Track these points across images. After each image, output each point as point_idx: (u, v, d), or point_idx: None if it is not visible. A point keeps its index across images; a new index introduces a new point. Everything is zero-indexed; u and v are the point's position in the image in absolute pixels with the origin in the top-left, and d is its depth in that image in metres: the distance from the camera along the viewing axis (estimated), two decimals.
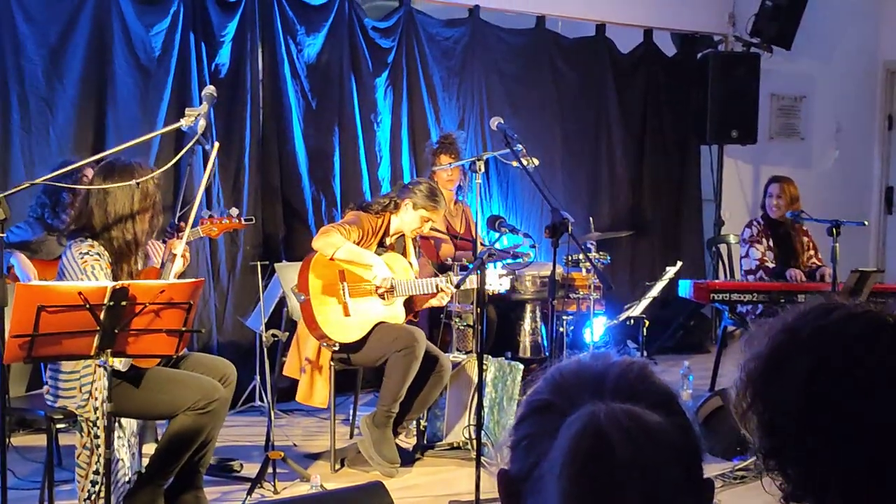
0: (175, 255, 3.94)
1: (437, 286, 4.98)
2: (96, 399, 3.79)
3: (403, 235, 5.14)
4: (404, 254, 5.17)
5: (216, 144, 4.09)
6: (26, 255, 4.85)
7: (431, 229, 5.61)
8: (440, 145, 6.25)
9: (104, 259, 3.82)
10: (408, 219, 5.02)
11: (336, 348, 4.87)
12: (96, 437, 3.80)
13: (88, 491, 3.80)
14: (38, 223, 5.03)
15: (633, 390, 1.16)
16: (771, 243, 6.47)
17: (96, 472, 3.79)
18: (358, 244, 4.86)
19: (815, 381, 1.23)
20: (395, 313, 5.01)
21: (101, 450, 3.70)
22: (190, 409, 3.92)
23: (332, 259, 4.82)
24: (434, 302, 5.10)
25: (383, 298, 4.98)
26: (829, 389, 1.22)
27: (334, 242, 4.78)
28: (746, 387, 1.30)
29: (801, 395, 1.23)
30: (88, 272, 3.76)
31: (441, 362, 4.96)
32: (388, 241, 5.08)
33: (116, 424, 3.88)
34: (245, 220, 4.59)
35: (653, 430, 1.13)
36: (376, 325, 4.92)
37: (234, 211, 4.55)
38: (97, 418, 3.79)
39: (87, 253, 3.80)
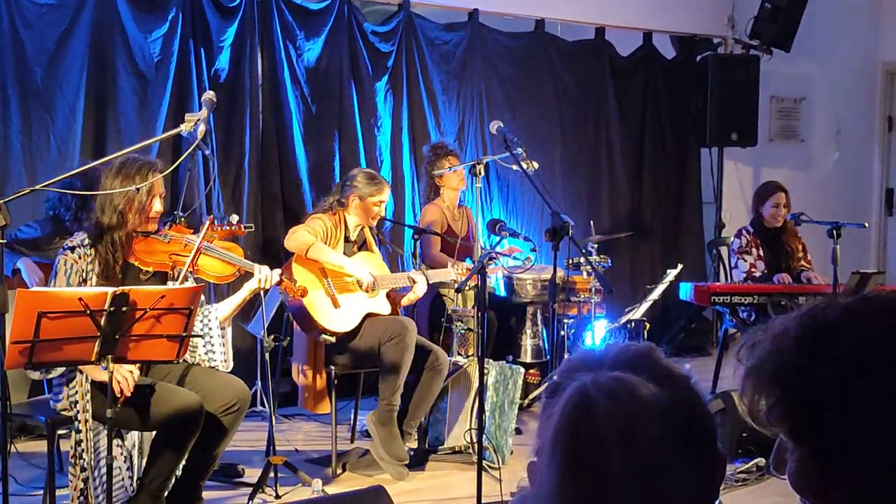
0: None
1: (409, 278, 5.10)
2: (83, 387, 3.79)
3: (362, 230, 5.18)
4: (366, 247, 5.21)
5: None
6: (36, 253, 4.87)
7: (428, 225, 5.66)
8: (440, 153, 6.21)
9: (83, 257, 3.80)
10: (360, 212, 5.11)
11: (333, 340, 4.90)
12: (78, 431, 3.78)
13: (80, 489, 3.77)
14: (49, 222, 5.04)
15: (628, 364, 1.23)
16: (762, 251, 6.50)
17: (83, 469, 3.76)
18: (326, 241, 4.95)
19: (861, 361, 1.15)
20: (380, 305, 5.08)
21: (85, 445, 3.70)
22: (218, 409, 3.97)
23: (306, 256, 4.88)
24: (412, 296, 5.13)
25: (366, 291, 5.02)
26: (874, 368, 1.14)
27: (306, 240, 4.90)
28: (772, 382, 1.20)
29: (844, 379, 1.15)
30: (59, 266, 3.78)
31: (436, 355, 4.99)
32: (352, 237, 5.14)
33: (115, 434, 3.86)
34: (245, 226, 4.60)
35: (638, 392, 1.17)
36: (366, 317, 4.99)
37: (235, 218, 4.55)
38: (84, 412, 3.77)
39: (69, 248, 3.82)
